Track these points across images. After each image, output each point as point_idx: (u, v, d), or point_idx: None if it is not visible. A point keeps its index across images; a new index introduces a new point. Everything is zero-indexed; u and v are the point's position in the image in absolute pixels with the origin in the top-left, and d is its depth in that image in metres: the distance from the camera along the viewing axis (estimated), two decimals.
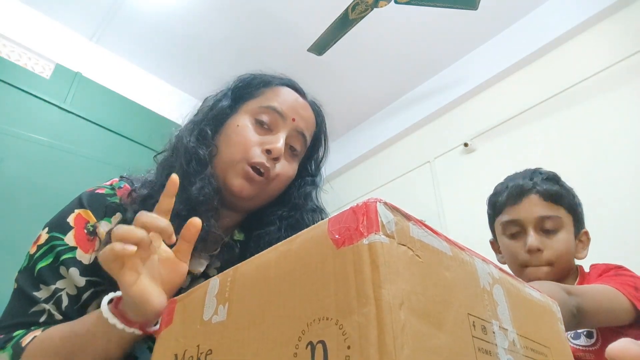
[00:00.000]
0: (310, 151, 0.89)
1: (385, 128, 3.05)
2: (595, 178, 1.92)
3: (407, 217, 0.34)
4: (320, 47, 2.40)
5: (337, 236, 0.33)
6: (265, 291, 0.37)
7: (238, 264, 0.42)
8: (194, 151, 0.74)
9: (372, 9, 2.18)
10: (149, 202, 0.69)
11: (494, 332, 0.35)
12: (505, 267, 0.87)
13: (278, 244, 0.39)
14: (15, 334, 0.61)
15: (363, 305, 0.28)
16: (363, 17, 2.22)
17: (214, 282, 0.44)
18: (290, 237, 0.38)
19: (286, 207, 0.84)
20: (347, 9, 2.18)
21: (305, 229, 0.37)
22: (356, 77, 2.89)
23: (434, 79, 2.85)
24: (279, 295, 0.35)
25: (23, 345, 0.59)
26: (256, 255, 0.41)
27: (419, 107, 2.86)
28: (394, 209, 0.33)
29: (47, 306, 0.64)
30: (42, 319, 0.64)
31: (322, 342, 0.29)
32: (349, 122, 3.26)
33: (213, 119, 0.79)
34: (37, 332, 0.60)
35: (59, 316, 0.65)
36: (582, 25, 2.19)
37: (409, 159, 2.84)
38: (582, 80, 2.10)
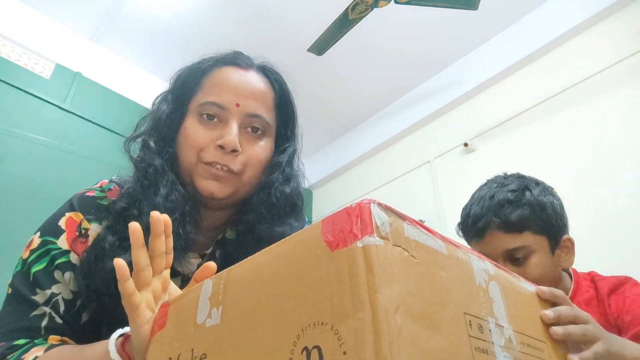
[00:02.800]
0: (278, 115, 0.81)
1: (385, 128, 3.05)
2: (596, 178, 1.92)
3: (402, 217, 0.34)
4: (320, 47, 2.40)
5: (331, 238, 0.32)
6: (259, 294, 0.36)
7: (231, 267, 0.42)
8: (148, 165, 0.71)
9: (372, 9, 2.18)
10: (123, 215, 0.67)
11: (490, 330, 0.35)
12: None
13: (271, 245, 0.38)
14: (16, 342, 0.60)
15: (358, 310, 0.28)
16: (363, 17, 2.22)
17: (207, 284, 0.43)
18: (283, 239, 0.37)
19: (264, 188, 0.78)
20: (347, 9, 2.17)
21: (299, 231, 0.36)
22: (356, 77, 2.88)
23: (434, 79, 2.85)
24: (273, 298, 0.35)
25: None
26: (249, 258, 0.40)
27: (419, 107, 2.86)
28: (388, 209, 0.33)
29: (47, 309, 0.63)
30: (43, 323, 0.63)
31: (318, 348, 0.29)
32: (349, 122, 3.26)
33: (155, 128, 0.75)
34: (39, 352, 0.59)
35: (59, 320, 0.64)
36: (582, 25, 2.19)
37: (409, 159, 2.83)
38: (582, 80, 2.10)
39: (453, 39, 2.60)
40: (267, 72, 0.81)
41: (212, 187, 0.70)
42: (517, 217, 0.94)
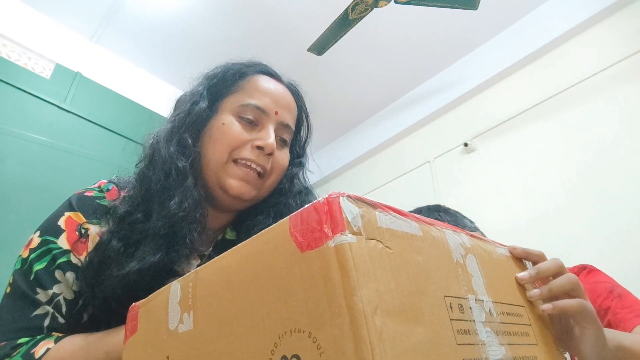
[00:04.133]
0: (295, 133, 0.85)
1: (385, 128, 3.04)
2: (595, 178, 1.91)
3: (373, 206, 0.32)
4: (320, 47, 2.40)
5: (300, 239, 0.31)
6: (231, 298, 0.35)
7: (198, 268, 0.40)
8: (172, 162, 0.70)
9: (372, 9, 2.17)
10: (127, 219, 0.67)
11: (470, 308, 0.35)
12: None
13: (238, 245, 0.37)
14: (20, 341, 0.60)
15: (336, 315, 0.27)
16: (363, 17, 2.22)
17: (175, 287, 0.41)
18: (249, 239, 0.36)
19: (274, 193, 0.81)
20: (347, 9, 2.17)
21: (265, 229, 0.35)
22: (356, 77, 2.88)
23: (434, 79, 2.84)
24: (246, 303, 0.33)
25: (37, 356, 0.57)
26: (216, 258, 0.39)
27: (419, 107, 2.85)
28: (358, 199, 0.31)
29: (49, 309, 0.63)
30: (46, 323, 0.62)
31: (297, 357, 0.28)
32: (349, 122, 3.25)
33: (192, 124, 0.74)
34: (49, 344, 0.58)
35: (62, 319, 0.63)
36: (582, 25, 2.18)
37: (409, 159, 2.83)
38: (582, 80, 2.09)
39: (453, 39, 2.59)
40: (292, 90, 0.84)
41: (243, 188, 0.72)
42: None
